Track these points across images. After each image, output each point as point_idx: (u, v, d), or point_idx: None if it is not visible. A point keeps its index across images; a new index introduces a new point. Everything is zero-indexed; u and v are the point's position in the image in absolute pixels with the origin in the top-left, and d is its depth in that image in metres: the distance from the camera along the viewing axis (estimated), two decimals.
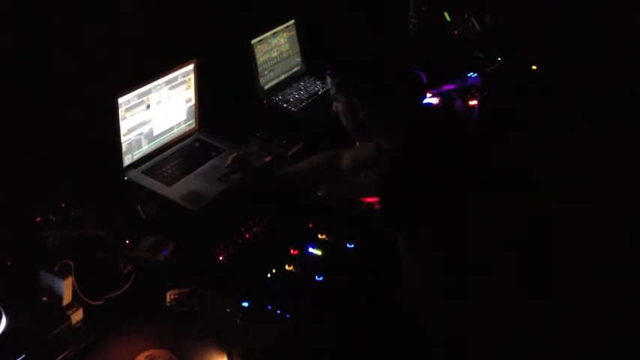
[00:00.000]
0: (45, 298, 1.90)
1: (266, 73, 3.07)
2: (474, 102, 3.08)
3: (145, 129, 2.55)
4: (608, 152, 3.57)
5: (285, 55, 3.18)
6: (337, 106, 2.12)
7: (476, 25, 3.51)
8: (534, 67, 3.52)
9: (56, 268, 1.92)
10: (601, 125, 3.68)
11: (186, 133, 2.75)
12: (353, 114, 2.08)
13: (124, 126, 2.45)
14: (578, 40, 3.74)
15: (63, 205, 2.25)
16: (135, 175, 2.51)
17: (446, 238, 2.07)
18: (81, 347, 1.83)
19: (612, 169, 3.47)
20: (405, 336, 2.18)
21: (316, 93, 3.14)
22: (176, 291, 2.00)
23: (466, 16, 3.53)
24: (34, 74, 2.40)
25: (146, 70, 2.57)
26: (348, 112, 2.09)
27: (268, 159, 2.65)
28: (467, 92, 3.11)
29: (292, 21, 3.21)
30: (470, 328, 2.15)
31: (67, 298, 1.90)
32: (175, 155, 2.65)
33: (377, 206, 2.33)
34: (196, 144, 2.74)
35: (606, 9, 3.84)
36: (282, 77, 3.17)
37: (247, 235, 2.28)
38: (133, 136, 2.51)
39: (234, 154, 2.54)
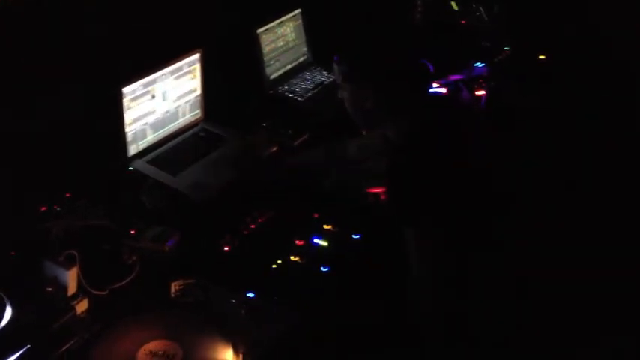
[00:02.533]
0: (50, 289, 1.90)
1: (272, 62, 3.06)
2: (481, 92, 3.06)
3: (150, 119, 2.55)
4: (616, 142, 3.55)
5: (291, 45, 3.16)
6: (343, 93, 2.11)
7: (483, 14, 3.49)
8: (542, 57, 3.49)
9: (61, 258, 1.92)
10: (609, 116, 3.65)
11: (191, 123, 2.74)
12: (359, 102, 2.07)
13: (128, 116, 2.45)
14: (586, 30, 3.71)
15: (68, 196, 2.26)
16: (140, 165, 2.50)
17: (452, 230, 2.06)
18: (86, 337, 1.83)
19: (616, 160, 3.45)
20: (409, 327, 2.18)
21: (322, 83, 3.13)
22: (181, 282, 1.99)
23: (474, 6, 3.51)
24: (39, 62, 2.39)
25: (151, 60, 2.56)
26: (354, 101, 2.08)
27: (274, 149, 2.64)
28: (474, 82, 3.09)
29: (298, 10, 3.19)
30: (475, 321, 2.14)
31: (71, 288, 1.90)
32: (181, 145, 2.64)
33: (383, 197, 2.32)
34: (202, 134, 2.73)
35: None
36: (288, 67, 3.16)
37: (253, 226, 2.27)
38: (137, 126, 2.50)
39: (239, 145, 2.53)
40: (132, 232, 2.17)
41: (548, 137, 3.35)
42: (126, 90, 2.41)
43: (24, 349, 1.77)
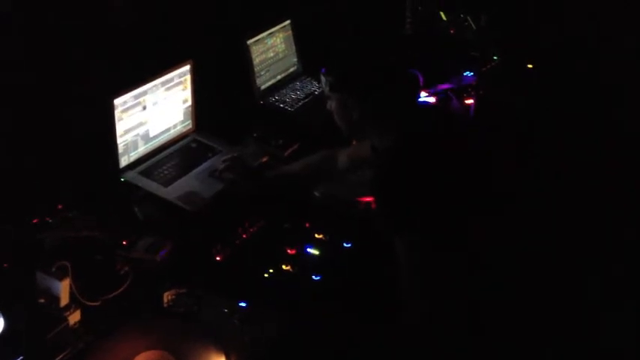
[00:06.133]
0: (42, 300, 1.90)
1: (262, 73, 3.07)
2: (470, 101, 3.09)
3: (141, 130, 2.56)
4: (603, 151, 3.58)
5: (281, 56, 3.18)
6: (331, 104, 2.12)
7: (472, 24, 3.52)
8: (530, 66, 3.52)
9: (53, 270, 1.92)
10: (595, 124, 3.69)
11: (182, 134, 2.75)
12: (346, 113, 2.08)
13: (120, 127, 2.45)
14: (573, 39, 3.74)
15: (60, 207, 2.26)
16: (131, 176, 2.51)
17: (442, 238, 2.07)
18: (79, 348, 1.84)
19: (607, 167, 3.48)
20: (401, 335, 2.18)
21: (312, 93, 3.15)
22: (173, 292, 2.00)
23: (462, 16, 3.54)
24: (30, 76, 2.40)
25: (142, 71, 2.57)
26: (342, 112, 2.09)
27: (265, 159, 2.65)
28: (463, 91, 3.12)
29: (288, 21, 3.21)
30: (468, 328, 2.15)
31: (64, 299, 1.90)
32: (172, 156, 2.65)
33: (373, 206, 2.33)
34: (193, 145, 2.74)
35: (602, 8, 3.85)
36: (279, 77, 3.17)
37: (244, 235, 2.28)
38: (129, 137, 2.51)
39: (228, 156, 2.54)
40: (124, 242, 2.17)
41: (535, 144, 3.38)
42: (117, 101, 2.42)
43: None
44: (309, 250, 2.25)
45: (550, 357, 2.65)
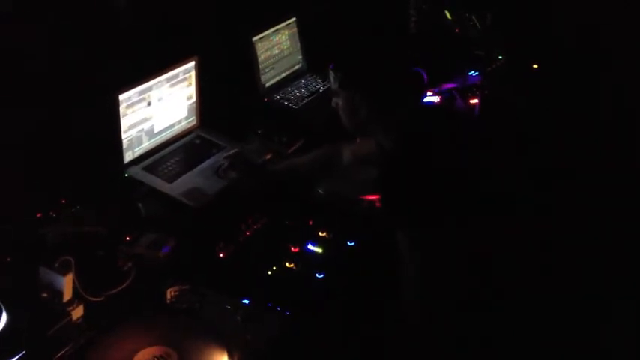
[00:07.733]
0: (45, 295, 1.90)
1: (267, 70, 3.07)
2: (474, 100, 3.09)
3: (145, 126, 2.55)
4: (608, 151, 3.58)
5: (286, 53, 3.18)
6: (337, 101, 2.12)
7: (477, 23, 3.51)
8: (535, 66, 3.52)
9: (56, 265, 1.91)
10: (601, 124, 3.68)
11: (187, 130, 2.75)
12: (353, 110, 2.08)
13: (124, 123, 2.46)
14: (578, 39, 3.74)
15: (63, 202, 2.26)
16: (135, 171, 2.51)
17: (446, 236, 2.07)
18: (81, 343, 1.83)
19: (612, 167, 3.48)
20: (403, 333, 2.19)
21: (317, 91, 3.15)
22: (176, 288, 2.00)
23: (467, 15, 3.53)
24: (35, 70, 2.40)
25: (147, 67, 2.57)
26: (349, 109, 2.09)
27: (269, 156, 2.65)
28: (468, 91, 3.11)
29: (293, 18, 3.21)
30: (469, 326, 2.15)
31: (67, 294, 1.90)
32: (176, 152, 2.65)
33: (377, 204, 2.33)
34: (197, 141, 2.74)
35: (607, 8, 3.84)
36: (283, 75, 3.17)
37: (248, 232, 2.28)
38: (133, 132, 2.51)
39: (230, 153, 2.54)
40: (127, 238, 2.17)
41: (540, 143, 3.38)
42: (122, 97, 2.42)
43: (19, 355, 1.77)
44: (312, 247, 2.25)
45: (550, 357, 2.65)
